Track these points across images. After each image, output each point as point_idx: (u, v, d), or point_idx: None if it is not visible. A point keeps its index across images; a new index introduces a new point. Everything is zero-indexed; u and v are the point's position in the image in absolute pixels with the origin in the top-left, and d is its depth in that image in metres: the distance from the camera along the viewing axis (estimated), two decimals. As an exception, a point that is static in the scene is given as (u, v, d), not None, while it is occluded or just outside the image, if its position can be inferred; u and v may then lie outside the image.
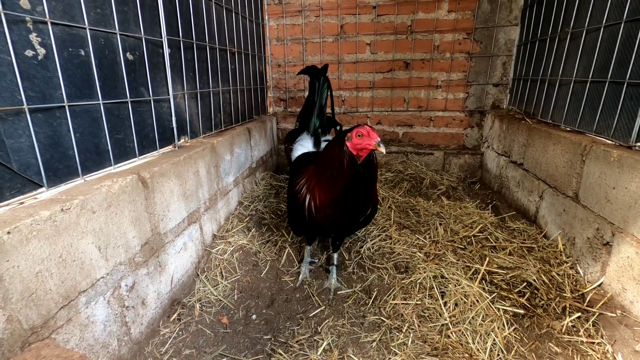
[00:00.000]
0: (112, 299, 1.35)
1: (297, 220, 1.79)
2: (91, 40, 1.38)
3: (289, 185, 1.87)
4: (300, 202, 1.66)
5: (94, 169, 1.44)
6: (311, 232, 1.92)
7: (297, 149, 2.15)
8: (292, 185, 1.76)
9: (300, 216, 1.68)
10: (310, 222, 1.65)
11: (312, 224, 1.67)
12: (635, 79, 1.65)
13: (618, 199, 1.60)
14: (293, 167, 2.01)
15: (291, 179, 1.84)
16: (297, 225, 1.86)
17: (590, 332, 1.56)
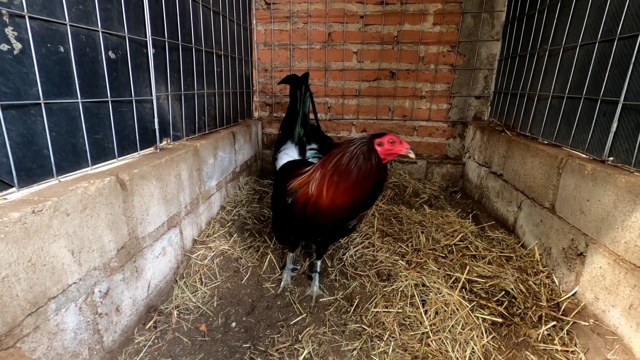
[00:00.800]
0: (84, 306, 1.29)
1: (288, 224, 1.75)
2: (71, 36, 1.33)
3: (277, 190, 1.83)
4: (301, 204, 1.60)
5: (70, 170, 1.39)
6: (303, 235, 1.88)
7: (281, 157, 2.12)
8: (282, 189, 1.71)
9: (293, 219, 1.64)
10: (308, 223, 1.62)
11: (310, 226, 1.64)
12: (608, 96, 1.72)
13: (592, 211, 1.66)
14: (279, 174, 1.98)
15: (279, 184, 1.81)
16: (287, 229, 1.82)
17: (564, 340, 1.59)
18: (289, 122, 2.25)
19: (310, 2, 3.38)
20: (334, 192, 1.53)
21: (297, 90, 2.25)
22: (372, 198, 1.62)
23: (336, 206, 1.55)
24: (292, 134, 2.20)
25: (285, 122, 2.31)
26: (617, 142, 1.65)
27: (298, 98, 2.23)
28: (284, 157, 2.10)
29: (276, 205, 1.80)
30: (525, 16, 2.69)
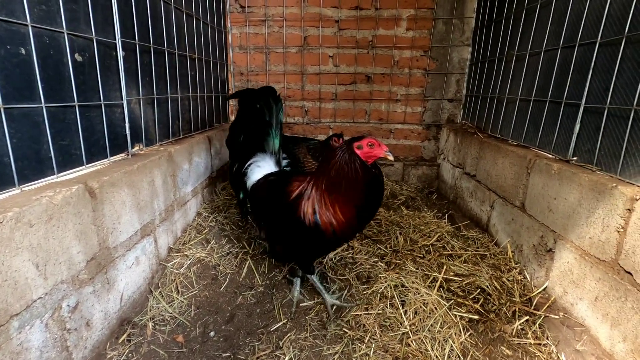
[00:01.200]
0: (50, 322, 1.22)
1: (308, 246, 1.70)
2: (34, 38, 1.27)
3: (287, 217, 1.65)
4: (316, 226, 1.57)
5: (34, 178, 1.31)
6: (325, 251, 1.85)
7: (253, 171, 1.97)
8: (292, 213, 1.61)
9: (315, 240, 1.62)
10: (334, 240, 1.62)
11: (335, 241, 1.67)
12: (571, 99, 1.82)
13: (559, 209, 1.74)
14: (264, 191, 1.83)
15: (287, 211, 1.64)
16: (309, 250, 1.75)
17: (537, 334, 1.66)
18: (257, 133, 2.05)
19: (285, 5, 3.38)
20: (339, 206, 1.55)
21: (272, 102, 2.05)
22: (376, 199, 1.64)
23: (349, 216, 1.57)
24: (263, 145, 2.04)
25: (250, 134, 2.06)
26: (580, 142, 1.75)
27: (273, 110, 2.04)
28: (256, 171, 1.97)
29: (291, 230, 1.67)
30: (493, 22, 2.80)
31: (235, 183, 2.09)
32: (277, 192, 1.75)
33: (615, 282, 1.38)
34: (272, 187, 1.83)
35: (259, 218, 1.92)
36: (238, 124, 2.12)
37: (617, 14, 1.55)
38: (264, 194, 1.85)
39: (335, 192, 1.56)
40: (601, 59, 1.64)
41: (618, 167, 1.48)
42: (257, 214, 1.91)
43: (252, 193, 1.93)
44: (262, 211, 1.86)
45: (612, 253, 1.41)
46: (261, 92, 2.04)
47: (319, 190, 1.60)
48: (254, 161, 2.03)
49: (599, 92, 1.64)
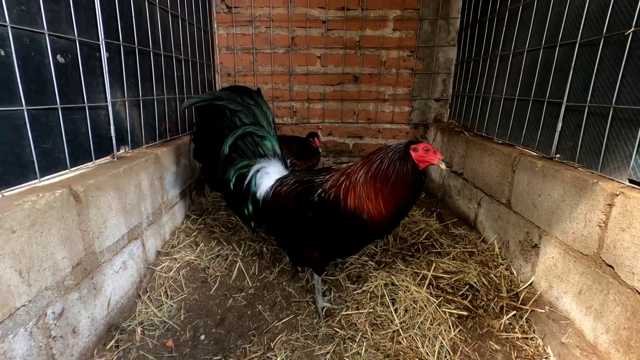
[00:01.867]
0: (35, 330, 1.19)
1: (346, 242, 1.69)
2: (13, 39, 1.23)
3: (327, 216, 1.62)
4: (356, 218, 1.57)
5: (15, 183, 1.28)
6: (361, 246, 1.85)
7: (262, 178, 1.84)
8: (338, 211, 1.58)
9: (355, 234, 1.63)
10: (371, 233, 1.67)
11: (372, 235, 1.71)
12: (553, 98, 1.86)
13: (543, 205, 1.78)
14: (291, 195, 1.71)
15: (327, 211, 1.61)
16: (346, 246, 1.75)
17: (524, 328, 1.69)
18: (248, 138, 1.90)
19: (272, 6, 3.37)
20: (382, 201, 1.56)
21: (263, 102, 1.94)
22: (413, 200, 1.67)
23: (389, 212, 1.58)
24: (258, 150, 1.90)
25: (240, 140, 1.89)
26: (563, 140, 1.79)
27: (264, 112, 1.93)
28: (265, 177, 1.84)
29: (336, 230, 1.64)
30: (478, 23, 2.84)
31: (236, 199, 1.89)
32: (314, 193, 1.66)
33: (598, 276, 1.42)
34: (304, 188, 1.71)
35: (282, 226, 1.81)
36: (213, 132, 1.91)
37: (595, 15, 1.59)
38: (293, 199, 1.71)
39: (382, 185, 1.56)
40: (581, 58, 1.68)
41: (599, 163, 1.53)
42: (280, 223, 1.80)
43: (271, 201, 1.78)
44: (289, 218, 1.73)
45: (594, 247, 1.45)
46: (238, 91, 1.92)
47: (363, 182, 1.59)
48: (260, 168, 1.86)
49: (580, 90, 1.68)
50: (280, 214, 1.77)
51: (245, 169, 1.89)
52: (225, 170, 1.88)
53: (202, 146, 2.04)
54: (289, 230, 1.80)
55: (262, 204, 1.83)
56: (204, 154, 2.04)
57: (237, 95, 1.90)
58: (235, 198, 1.91)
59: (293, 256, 1.94)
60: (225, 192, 1.95)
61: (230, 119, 1.90)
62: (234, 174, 1.87)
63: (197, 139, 2.05)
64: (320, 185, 1.67)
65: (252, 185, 1.86)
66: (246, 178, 1.87)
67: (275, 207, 1.78)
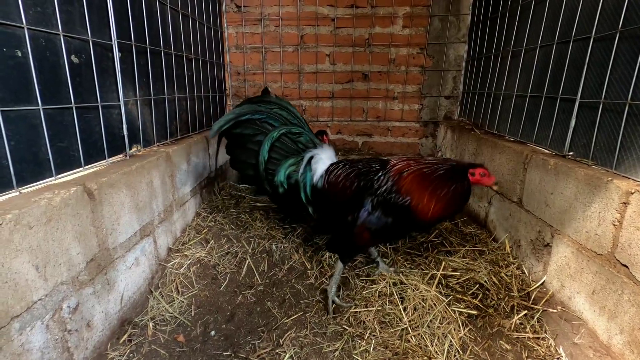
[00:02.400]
0: (51, 323, 1.22)
1: (396, 229, 1.76)
2: (30, 40, 1.27)
3: (390, 202, 1.68)
4: (408, 210, 1.67)
5: (32, 180, 1.32)
6: (404, 234, 1.95)
7: (317, 163, 1.92)
8: (396, 192, 1.68)
9: (406, 222, 1.72)
10: (415, 227, 1.83)
11: (420, 226, 1.84)
12: (566, 94, 1.83)
13: (555, 203, 1.75)
14: (350, 176, 1.80)
15: (394, 198, 1.68)
16: (396, 232, 1.85)
17: (535, 328, 1.67)
18: (288, 138, 2.01)
19: (281, 5, 3.38)
20: (435, 204, 1.65)
21: (288, 105, 2.04)
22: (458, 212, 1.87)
23: (435, 215, 1.67)
24: (304, 145, 2.00)
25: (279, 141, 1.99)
26: (576, 137, 1.76)
27: (285, 112, 2.01)
28: (320, 163, 1.93)
29: (391, 216, 1.71)
30: (489, 19, 2.80)
31: (290, 195, 1.97)
32: (374, 180, 1.75)
33: (612, 275, 1.39)
34: (362, 173, 1.80)
35: (335, 208, 1.86)
36: (247, 144, 2.01)
37: (611, 9, 1.56)
38: (352, 183, 1.79)
39: (438, 193, 1.65)
40: (596, 54, 1.65)
41: (613, 161, 1.49)
42: (334, 206, 1.85)
43: (328, 184, 1.87)
44: (346, 201, 1.79)
45: (608, 247, 1.42)
46: (255, 101, 2.01)
47: (421, 185, 1.68)
48: (315, 154, 1.96)
49: (594, 87, 1.65)
50: (336, 197, 1.83)
51: (294, 165, 1.97)
52: (273, 173, 1.98)
53: (238, 159, 2.11)
54: (342, 212, 1.83)
55: (317, 187, 1.91)
56: (242, 165, 2.10)
57: (257, 105, 1.98)
58: (289, 194, 1.98)
59: (336, 240, 1.95)
60: (276, 194, 2.01)
61: (260, 127, 1.98)
62: (284, 174, 1.96)
63: (232, 152, 2.12)
64: (380, 173, 1.75)
65: (308, 172, 1.94)
66: (298, 171, 1.95)
67: (332, 190, 1.85)
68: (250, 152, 2.02)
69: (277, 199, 2.10)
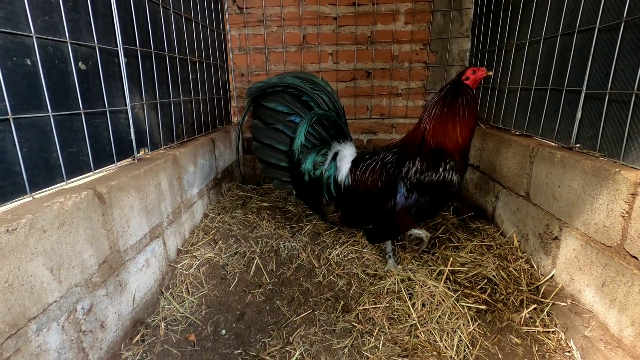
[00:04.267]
0: (66, 324, 1.26)
1: (438, 200, 1.82)
2: (38, 49, 1.30)
3: (429, 170, 1.75)
4: (440, 154, 1.77)
5: (44, 186, 1.35)
6: (445, 202, 1.94)
7: (342, 161, 1.95)
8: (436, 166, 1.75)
9: (447, 190, 1.78)
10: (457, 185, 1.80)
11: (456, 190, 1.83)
12: (572, 86, 1.81)
13: (563, 196, 1.74)
14: (378, 167, 1.85)
15: (430, 165, 1.76)
16: (438, 204, 1.87)
17: (545, 322, 1.66)
18: (330, 125, 2.01)
19: (283, 5, 3.39)
20: (461, 130, 1.78)
21: (327, 87, 1.98)
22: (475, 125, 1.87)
23: (467, 138, 1.82)
24: (335, 135, 2.02)
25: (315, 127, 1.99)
26: (582, 129, 1.74)
27: (332, 97, 1.99)
28: (344, 163, 1.95)
29: (437, 187, 1.77)
30: (492, 12, 2.78)
31: (312, 187, 1.99)
32: (399, 162, 1.83)
33: (622, 267, 1.38)
34: (390, 161, 1.87)
35: (369, 203, 1.91)
36: (276, 123, 1.99)
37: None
38: (379, 170, 1.86)
39: (457, 117, 1.78)
40: (601, 44, 1.63)
41: (621, 152, 1.48)
42: (367, 200, 1.90)
43: (357, 181, 1.91)
44: (380, 192, 1.85)
45: (617, 238, 1.41)
46: (299, 77, 1.97)
47: (439, 124, 1.80)
48: (337, 151, 1.97)
49: (600, 78, 1.63)
50: (368, 191, 1.88)
51: (320, 156, 1.99)
52: (300, 160, 1.96)
53: (264, 141, 2.05)
54: (377, 203, 1.88)
55: (345, 185, 1.95)
56: (268, 150, 2.05)
57: (301, 81, 1.96)
58: (312, 184, 1.99)
59: (378, 230, 2.00)
60: (300, 182, 2.01)
61: (295, 108, 1.97)
62: (311, 163, 1.97)
63: (258, 132, 2.06)
64: (404, 157, 1.83)
65: (332, 168, 1.96)
66: (324, 163, 1.98)
67: (362, 185, 1.90)
68: (279, 134, 2.00)
69: (300, 187, 2.06)
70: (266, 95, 1.99)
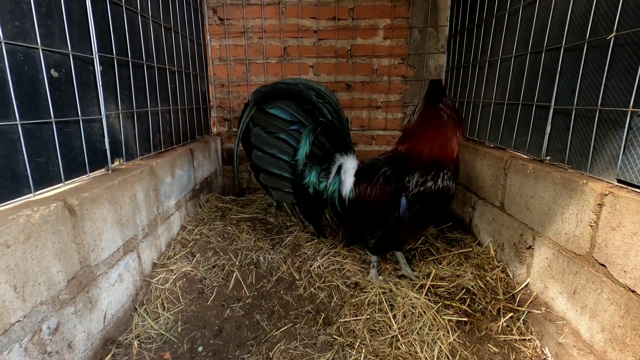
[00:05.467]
0: (30, 345, 1.18)
1: (439, 207, 1.89)
2: (7, 54, 1.25)
3: (433, 186, 1.81)
4: (439, 165, 1.82)
5: (9, 197, 1.28)
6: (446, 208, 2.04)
7: (345, 174, 1.94)
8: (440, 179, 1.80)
9: (448, 196, 1.87)
10: (450, 196, 1.89)
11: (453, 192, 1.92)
12: (541, 101, 1.90)
13: (536, 207, 1.80)
14: (383, 180, 1.88)
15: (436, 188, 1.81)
16: (440, 210, 1.94)
17: (521, 330, 1.70)
18: (334, 136, 1.98)
19: (264, 17, 3.42)
20: (450, 149, 1.85)
21: (330, 99, 1.94)
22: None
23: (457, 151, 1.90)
24: (339, 146, 1.99)
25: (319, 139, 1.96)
26: (552, 142, 1.82)
27: (337, 108, 1.95)
28: (348, 177, 1.93)
29: (440, 197, 1.83)
30: (466, 30, 2.90)
31: (315, 202, 1.96)
32: (400, 175, 1.86)
33: (591, 275, 1.43)
34: (392, 174, 1.89)
35: (374, 216, 1.92)
36: (277, 133, 1.94)
37: (578, 20, 1.64)
38: (382, 184, 1.87)
39: (447, 140, 1.83)
40: (567, 62, 1.73)
41: (588, 164, 1.56)
42: (372, 214, 1.91)
43: (361, 196, 1.90)
44: (384, 204, 1.87)
45: (586, 247, 1.47)
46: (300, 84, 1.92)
47: (434, 136, 1.85)
48: (343, 162, 1.96)
49: (567, 94, 1.72)
50: (373, 204, 1.89)
51: (324, 170, 1.96)
52: (304, 172, 1.92)
53: (265, 150, 1.98)
54: (383, 216, 1.89)
55: (350, 199, 1.93)
56: (270, 158, 1.98)
57: (305, 89, 1.91)
58: (315, 202, 1.96)
59: (383, 242, 2.02)
60: (304, 195, 1.96)
61: (298, 116, 1.93)
62: (316, 176, 1.94)
63: (258, 140, 1.98)
64: (403, 170, 1.87)
65: (336, 182, 1.93)
66: (328, 176, 1.95)
67: (367, 199, 1.91)
68: (281, 143, 1.95)
69: (303, 199, 2.01)
70: (270, 101, 1.95)
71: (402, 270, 2.09)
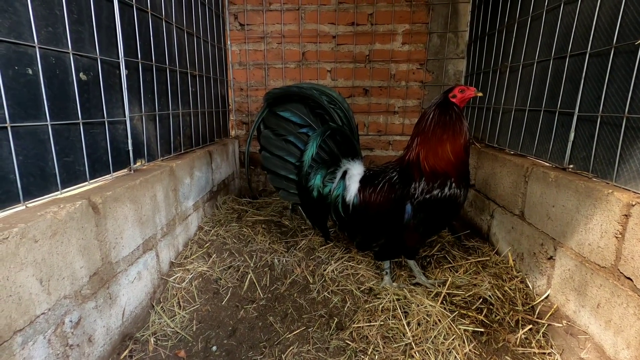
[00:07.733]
0: (53, 338, 1.22)
1: (446, 214, 1.85)
2: (40, 59, 1.31)
3: (437, 197, 1.77)
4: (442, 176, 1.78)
5: (38, 195, 1.33)
6: (455, 215, 1.94)
7: (350, 180, 1.94)
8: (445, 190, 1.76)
9: (454, 204, 1.81)
10: (457, 206, 1.83)
11: (461, 200, 1.86)
12: (564, 108, 1.85)
13: (557, 216, 1.75)
14: (388, 186, 1.85)
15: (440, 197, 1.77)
16: (447, 217, 1.89)
17: (541, 343, 1.64)
18: (343, 141, 1.99)
19: (284, 23, 3.47)
20: (451, 149, 1.77)
21: (340, 104, 1.96)
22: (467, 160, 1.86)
23: (459, 158, 1.80)
24: (347, 152, 2.00)
25: (327, 144, 1.98)
26: (576, 150, 1.77)
27: (348, 114, 1.99)
28: (352, 183, 1.92)
29: (447, 206, 1.80)
30: (486, 35, 2.86)
31: (319, 206, 1.97)
32: (405, 183, 1.83)
33: (616, 288, 1.38)
34: (397, 182, 1.87)
35: (378, 222, 1.91)
36: (286, 135, 1.99)
37: (605, 25, 1.60)
38: (390, 192, 1.85)
39: (443, 138, 1.78)
40: (592, 68, 1.68)
41: (613, 173, 1.50)
42: (376, 220, 1.90)
43: (365, 202, 1.90)
44: (388, 210, 1.85)
45: (611, 259, 1.41)
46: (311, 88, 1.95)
47: (430, 145, 1.80)
48: (346, 170, 1.95)
49: (592, 100, 1.67)
50: (377, 211, 1.88)
51: (330, 174, 1.98)
52: (309, 174, 1.95)
53: (273, 152, 2.05)
54: (387, 223, 1.89)
55: (353, 204, 1.93)
56: (277, 160, 2.05)
57: (319, 93, 1.96)
58: (319, 201, 1.98)
59: (387, 249, 2.00)
60: (308, 197, 1.99)
61: (308, 120, 1.98)
62: (321, 179, 1.96)
63: (268, 142, 2.06)
64: (408, 177, 1.84)
65: (341, 187, 1.94)
66: (333, 180, 1.96)
67: (371, 205, 1.89)
68: (289, 145, 2.00)
69: (307, 202, 2.04)
70: (282, 103, 2.00)
71: (416, 278, 2.06)
